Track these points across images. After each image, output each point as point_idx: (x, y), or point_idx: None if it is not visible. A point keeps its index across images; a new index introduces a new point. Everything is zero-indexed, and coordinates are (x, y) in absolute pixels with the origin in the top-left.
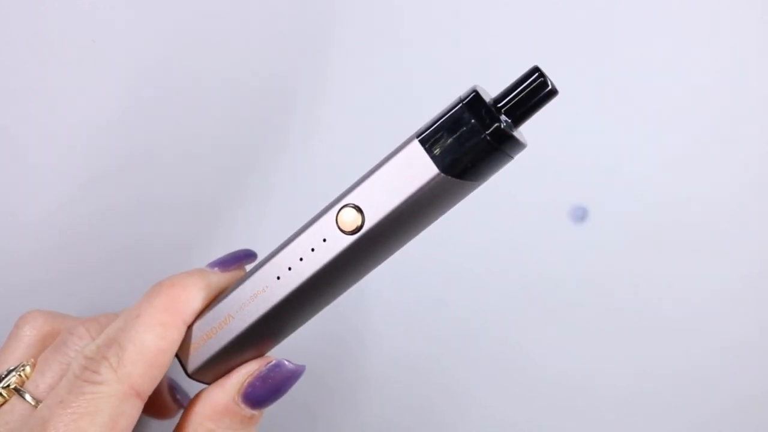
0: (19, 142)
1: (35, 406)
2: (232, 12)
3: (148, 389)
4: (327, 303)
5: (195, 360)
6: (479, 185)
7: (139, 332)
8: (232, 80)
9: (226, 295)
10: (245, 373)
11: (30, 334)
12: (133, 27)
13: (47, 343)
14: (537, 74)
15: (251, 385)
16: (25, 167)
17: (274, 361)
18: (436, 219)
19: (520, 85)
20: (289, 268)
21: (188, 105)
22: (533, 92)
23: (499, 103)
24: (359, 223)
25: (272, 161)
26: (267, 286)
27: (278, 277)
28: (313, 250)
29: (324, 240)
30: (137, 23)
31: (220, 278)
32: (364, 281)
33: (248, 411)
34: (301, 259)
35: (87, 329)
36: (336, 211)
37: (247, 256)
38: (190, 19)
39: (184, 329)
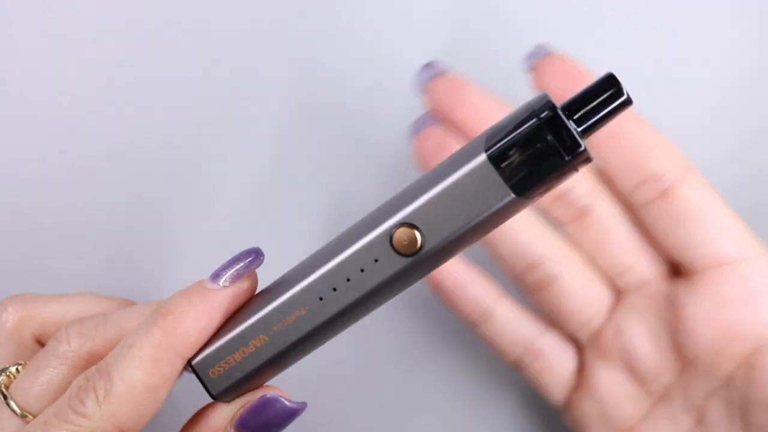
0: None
1: (18, 414)
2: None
3: (135, 426)
4: (361, 318)
5: (221, 382)
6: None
7: (129, 367)
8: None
9: (258, 313)
10: (240, 403)
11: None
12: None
13: (23, 330)
14: (612, 82)
15: (242, 417)
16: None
17: (267, 395)
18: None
19: (594, 95)
20: (335, 289)
21: (196, 99)
22: (607, 103)
23: (568, 111)
24: (418, 244)
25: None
26: (309, 308)
27: (321, 298)
28: (362, 270)
29: (375, 260)
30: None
31: (226, 295)
32: None
33: None
34: (348, 280)
35: (67, 334)
36: (391, 230)
37: (254, 258)
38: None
39: (180, 363)
